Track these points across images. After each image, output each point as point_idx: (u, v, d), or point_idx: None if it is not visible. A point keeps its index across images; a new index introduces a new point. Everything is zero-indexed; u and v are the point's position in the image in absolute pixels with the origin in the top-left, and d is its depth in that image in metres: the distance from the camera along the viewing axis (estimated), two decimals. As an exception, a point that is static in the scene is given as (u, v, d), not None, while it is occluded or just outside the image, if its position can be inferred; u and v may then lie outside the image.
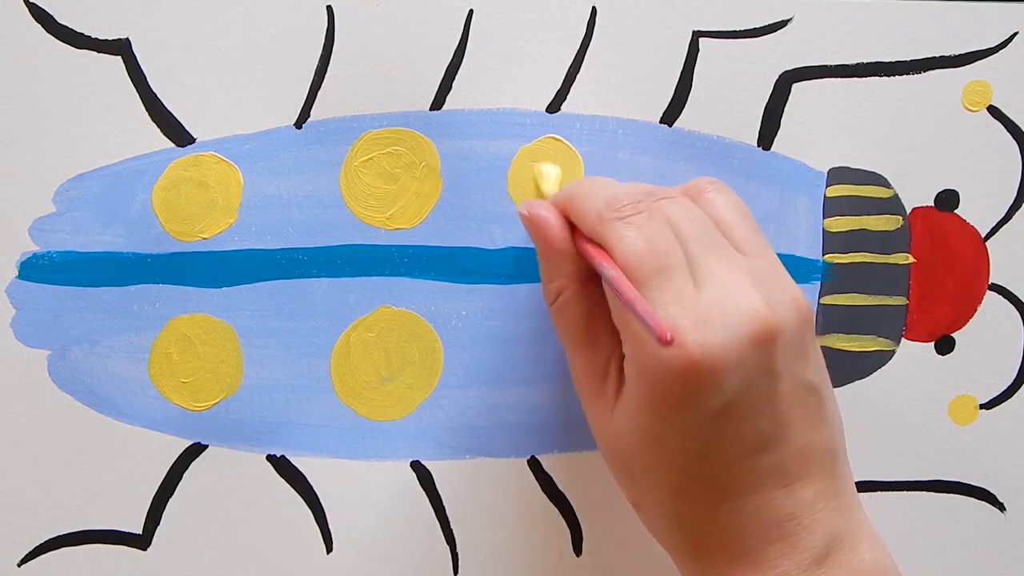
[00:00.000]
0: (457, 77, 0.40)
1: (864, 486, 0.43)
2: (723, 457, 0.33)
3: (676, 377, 0.32)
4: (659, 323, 0.31)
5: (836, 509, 0.34)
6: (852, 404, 0.43)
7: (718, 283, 0.33)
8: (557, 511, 0.42)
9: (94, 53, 0.38)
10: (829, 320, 0.42)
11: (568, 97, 0.40)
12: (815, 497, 0.34)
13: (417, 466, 0.41)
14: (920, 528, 0.44)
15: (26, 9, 0.38)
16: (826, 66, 0.42)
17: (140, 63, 0.39)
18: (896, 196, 0.42)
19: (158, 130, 0.39)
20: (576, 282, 0.36)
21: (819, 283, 0.42)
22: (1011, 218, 0.43)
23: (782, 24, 0.41)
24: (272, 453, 0.40)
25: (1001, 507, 0.44)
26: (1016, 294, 0.43)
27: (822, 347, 0.38)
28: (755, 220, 0.37)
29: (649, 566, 0.42)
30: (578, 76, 0.40)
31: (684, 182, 0.38)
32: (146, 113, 0.39)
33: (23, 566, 0.39)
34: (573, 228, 0.36)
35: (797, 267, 0.42)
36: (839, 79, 0.42)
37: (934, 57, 0.42)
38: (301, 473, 0.40)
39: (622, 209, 0.34)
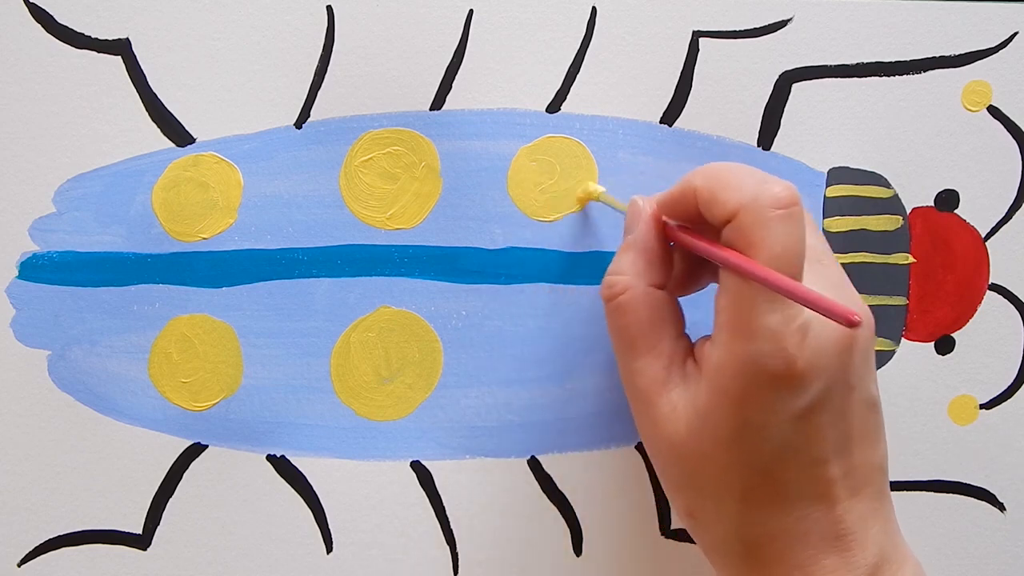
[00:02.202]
0: (457, 77, 0.40)
1: (864, 486, 0.43)
2: (797, 461, 0.33)
3: (771, 375, 0.32)
4: (841, 306, 0.29)
5: (884, 530, 0.34)
6: (852, 404, 0.43)
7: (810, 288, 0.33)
8: (557, 511, 0.42)
9: (94, 53, 0.38)
10: (829, 320, 0.42)
11: (568, 97, 0.40)
12: (868, 514, 0.34)
13: (417, 466, 0.41)
14: (920, 528, 0.43)
15: (26, 9, 0.38)
16: (826, 66, 0.42)
17: (140, 63, 0.39)
18: (896, 196, 0.42)
19: (158, 130, 0.39)
20: (646, 282, 0.35)
21: (819, 283, 0.42)
22: (1011, 218, 0.43)
23: (782, 24, 0.41)
24: (272, 453, 0.40)
25: (1001, 507, 0.44)
26: (1016, 294, 0.43)
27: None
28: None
29: (649, 566, 0.42)
30: (578, 76, 0.40)
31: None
32: (146, 113, 0.39)
33: (23, 566, 0.39)
34: (678, 227, 0.36)
35: (797, 267, 0.42)
36: (839, 79, 0.42)
37: (934, 57, 0.42)
38: (301, 473, 0.40)
39: (779, 196, 0.32)
